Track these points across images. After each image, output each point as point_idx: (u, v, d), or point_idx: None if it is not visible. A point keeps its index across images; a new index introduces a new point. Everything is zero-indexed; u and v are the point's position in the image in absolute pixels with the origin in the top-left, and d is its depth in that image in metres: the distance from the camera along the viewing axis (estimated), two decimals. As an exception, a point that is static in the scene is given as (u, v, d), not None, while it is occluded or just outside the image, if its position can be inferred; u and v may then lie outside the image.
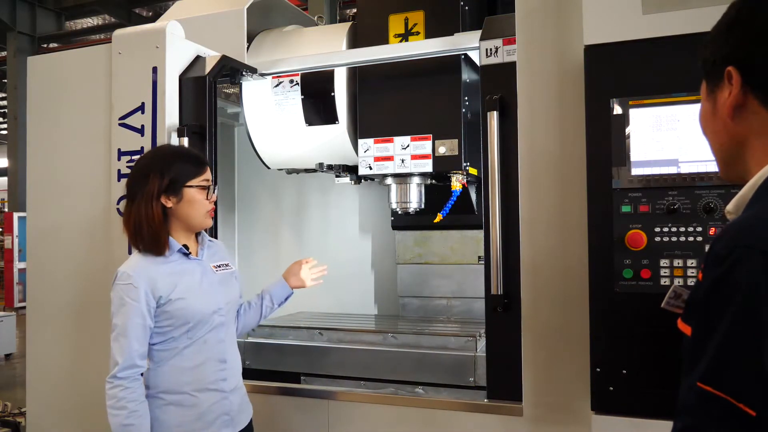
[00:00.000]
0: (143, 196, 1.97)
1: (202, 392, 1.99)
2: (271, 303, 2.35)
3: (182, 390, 1.98)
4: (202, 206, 2.04)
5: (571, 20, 2.05)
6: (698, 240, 1.78)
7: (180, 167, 2.02)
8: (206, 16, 2.92)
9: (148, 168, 2.01)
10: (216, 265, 2.13)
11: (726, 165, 1.02)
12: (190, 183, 2.01)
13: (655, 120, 1.83)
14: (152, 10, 12.34)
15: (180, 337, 1.98)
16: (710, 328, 0.82)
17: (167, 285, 1.96)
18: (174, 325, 1.97)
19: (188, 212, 2.02)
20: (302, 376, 2.75)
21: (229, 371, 2.06)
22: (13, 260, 11.00)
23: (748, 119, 0.94)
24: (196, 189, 2.02)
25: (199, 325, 1.99)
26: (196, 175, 2.03)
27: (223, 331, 2.07)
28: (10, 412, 5.02)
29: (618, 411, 1.85)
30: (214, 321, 2.03)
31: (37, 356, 2.78)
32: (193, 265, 2.06)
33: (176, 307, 1.96)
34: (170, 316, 1.96)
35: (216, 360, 2.03)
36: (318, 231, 3.57)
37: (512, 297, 2.16)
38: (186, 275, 2.02)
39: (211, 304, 2.03)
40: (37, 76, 2.83)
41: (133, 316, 1.91)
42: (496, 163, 2.18)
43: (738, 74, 0.93)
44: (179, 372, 1.98)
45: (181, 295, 1.97)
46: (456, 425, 2.26)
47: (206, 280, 2.06)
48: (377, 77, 2.79)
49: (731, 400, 0.77)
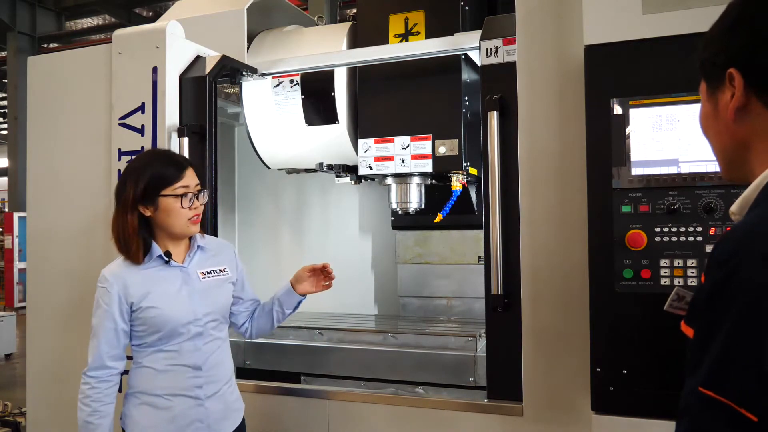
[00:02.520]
0: (121, 204, 1.97)
1: (175, 397, 1.97)
2: (281, 309, 2.25)
3: (155, 392, 1.97)
4: (180, 215, 1.97)
5: (571, 20, 2.05)
6: (698, 240, 1.78)
7: (154, 175, 1.96)
8: (206, 16, 2.92)
9: (126, 175, 2.00)
10: (205, 272, 2.06)
11: (729, 166, 1.01)
12: (164, 192, 1.95)
13: (655, 120, 1.83)
14: (152, 10, 12.34)
15: (154, 343, 1.97)
16: (712, 332, 0.81)
17: (139, 292, 1.94)
18: (147, 331, 1.96)
19: (166, 221, 1.97)
20: (302, 376, 2.75)
21: (205, 378, 2.01)
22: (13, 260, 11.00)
23: (751, 121, 0.93)
24: (172, 198, 1.95)
25: (173, 335, 1.96)
26: (171, 183, 1.96)
27: (201, 340, 2.01)
28: (10, 412, 5.02)
29: (618, 411, 1.85)
30: (191, 331, 1.98)
31: (37, 356, 2.78)
32: (173, 273, 2.01)
33: (148, 315, 1.94)
34: (142, 323, 1.95)
35: (189, 367, 1.99)
36: (318, 231, 3.57)
37: (512, 297, 2.16)
38: (162, 283, 1.98)
39: (187, 314, 1.98)
40: (37, 76, 2.83)
41: (104, 319, 1.94)
42: (496, 163, 2.18)
43: (740, 76, 0.92)
44: (153, 374, 1.98)
45: (152, 303, 1.94)
46: (456, 425, 2.26)
47: (186, 289, 2.00)
48: (377, 77, 2.79)
49: (733, 405, 0.76)
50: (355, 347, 2.68)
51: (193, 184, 2.01)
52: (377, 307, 3.46)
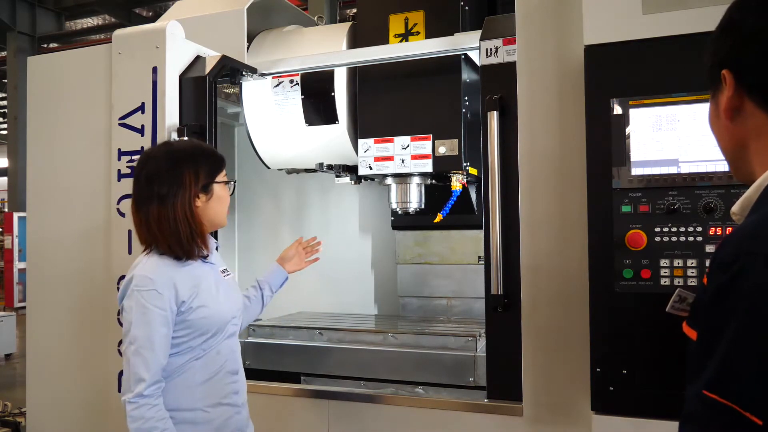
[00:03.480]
0: (177, 196, 1.82)
1: (215, 407, 1.85)
2: (271, 292, 2.27)
3: (194, 406, 1.82)
4: (226, 203, 1.94)
5: (571, 20, 2.05)
6: (698, 240, 1.78)
7: (210, 162, 1.91)
8: (206, 16, 2.92)
9: (179, 166, 1.85)
10: (222, 270, 2.01)
11: (733, 166, 1.03)
12: (218, 179, 1.91)
13: (655, 120, 1.83)
14: (152, 10, 12.34)
15: (195, 349, 1.83)
16: (716, 335, 0.80)
17: (189, 291, 1.81)
18: (192, 335, 1.82)
19: (216, 210, 1.91)
20: (302, 376, 2.75)
21: (240, 383, 1.95)
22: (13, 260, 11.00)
23: (745, 121, 0.94)
24: (222, 185, 1.93)
25: (218, 335, 1.87)
26: (221, 170, 1.93)
27: (235, 340, 1.96)
28: (10, 412, 5.02)
29: (618, 411, 1.85)
30: (229, 330, 1.92)
31: (37, 356, 2.78)
32: (207, 269, 1.92)
33: (198, 316, 1.81)
34: (188, 326, 1.80)
35: (228, 372, 1.90)
36: (318, 231, 3.54)
37: (512, 297, 2.16)
38: (203, 280, 1.87)
39: (230, 310, 1.92)
40: (37, 76, 2.83)
41: (158, 326, 1.74)
42: (496, 163, 2.17)
43: (731, 77, 0.93)
44: (190, 387, 1.82)
45: (202, 302, 1.82)
46: (456, 425, 2.26)
47: (222, 286, 1.94)
48: (377, 77, 2.79)
49: (738, 408, 0.76)
50: (355, 347, 2.68)
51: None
52: (377, 307, 3.46)
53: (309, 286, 3.34)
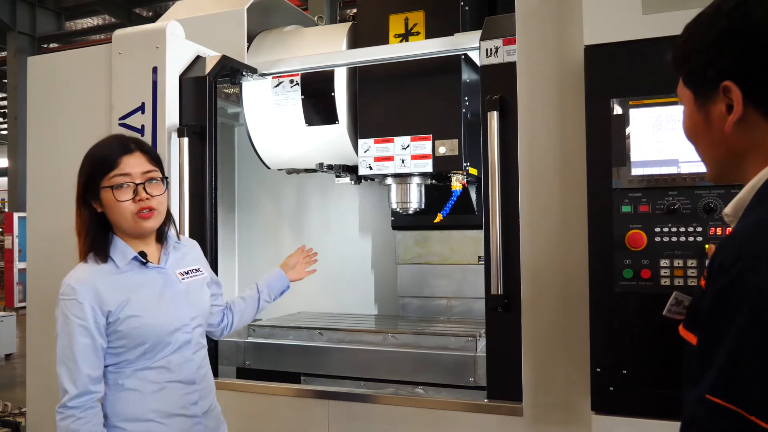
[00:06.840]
0: (77, 204, 1.76)
1: (170, 418, 1.74)
2: (269, 297, 2.20)
3: (146, 417, 1.72)
4: (121, 210, 1.70)
5: (571, 20, 2.05)
6: (698, 240, 1.78)
7: (90, 165, 1.74)
8: (206, 16, 2.92)
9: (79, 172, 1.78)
10: (183, 272, 1.86)
11: (719, 172, 1.00)
12: (103, 183, 1.71)
13: (655, 120, 1.83)
14: (152, 10, 12.34)
15: (137, 360, 1.72)
16: (718, 339, 0.80)
17: (117, 300, 1.69)
18: (128, 346, 1.70)
19: (112, 218, 1.73)
20: (302, 376, 2.75)
21: (200, 392, 1.81)
22: (13, 260, 10.99)
23: (748, 132, 0.92)
24: (107, 189, 1.70)
25: (159, 346, 1.73)
26: (107, 173, 1.70)
27: (190, 349, 1.80)
28: (10, 412, 5.01)
29: (618, 411, 1.85)
30: (178, 339, 1.77)
31: (37, 356, 2.78)
32: (152, 275, 1.78)
33: (129, 326, 1.69)
34: (122, 336, 1.69)
35: (181, 382, 1.77)
36: (318, 231, 3.57)
37: (512, 297, 2.16)
38: (143, 288, 1.75)
39: (174, 320, 1.76)
40: (37, 76, 2.83)
41: (79, 336, 1.66)
42: (496, 163, 2.17)
43: (738, 89, 0.90)
44: (140, 397, 1.72)
45: (134, 312, 1.70)
46: (456, 425, 2.26)
47: (169, 292, 1.79)
48: (377, 77, 2.79)
49: (742, 412, 0.75)
50: (355, 347, 2.68)
51: (138, 171, 1.73)
52: (377, 307, 3.46)
53: (309, 286, 3.31)
